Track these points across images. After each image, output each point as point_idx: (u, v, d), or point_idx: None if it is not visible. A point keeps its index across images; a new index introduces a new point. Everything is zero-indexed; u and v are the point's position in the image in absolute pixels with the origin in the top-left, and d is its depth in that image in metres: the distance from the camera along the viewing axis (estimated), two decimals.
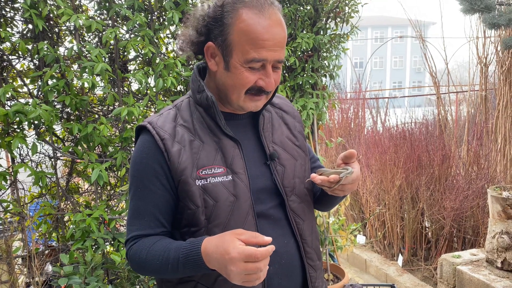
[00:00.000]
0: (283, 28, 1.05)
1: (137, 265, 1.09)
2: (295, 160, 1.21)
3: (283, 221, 1.16)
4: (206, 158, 1.08)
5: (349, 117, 6.16)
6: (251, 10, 1.02)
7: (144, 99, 2.35)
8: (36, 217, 2.36)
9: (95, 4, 2.48)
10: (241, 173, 1.10)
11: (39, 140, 2.25)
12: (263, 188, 1.14)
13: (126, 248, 1.13)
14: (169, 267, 1.01)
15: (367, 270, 4.26)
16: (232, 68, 1.05)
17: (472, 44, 5.14)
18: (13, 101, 2.37)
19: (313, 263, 1.21)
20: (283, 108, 1.29)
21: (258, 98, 1.09)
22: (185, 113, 1.13)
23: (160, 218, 1.10)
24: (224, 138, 1.11)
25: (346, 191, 1.13)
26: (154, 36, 2.39)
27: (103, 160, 2.32)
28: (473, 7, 3.76)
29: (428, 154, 4.05)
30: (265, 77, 1.05)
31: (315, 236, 1.25)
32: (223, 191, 1.07)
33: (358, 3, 2.76)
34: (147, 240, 1.08)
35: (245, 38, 1.01)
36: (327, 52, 2.79)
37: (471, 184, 3.84)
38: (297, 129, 1.28)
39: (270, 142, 1.18)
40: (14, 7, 2.39)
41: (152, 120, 1.12)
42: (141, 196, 1.09)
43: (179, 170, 1.05)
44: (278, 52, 1.04)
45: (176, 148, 1.06)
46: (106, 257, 2.36)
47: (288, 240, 1.16)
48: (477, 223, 3.82)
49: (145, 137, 1.10)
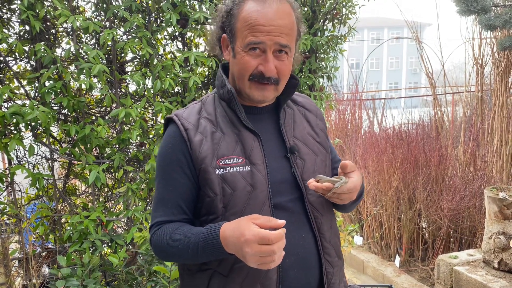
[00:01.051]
0: (288, 18, 1.10)
1: (160, 250, 1.14)
2: (315, 156, 1.24)
3: (301, 215, 1.17)
4: (226, 148, 1.13)
5: (346, 118, 6.17)
6: (254, 1, 1.09)
7: (141, 101, 2.34)
8: (33, 219, 2.35)
9: (92, 6, 2.48)
10: (259, 164, 1.13)
11: (36, 142, 2.24)
12: (282, 181, 1.16)
13: (150, 234, 1.18)
14: (190, 251, 1.06)
15: (364, 271, 4.26)
16: (236, 54, 1.11)
17: (468, 45, 5.17)
18: (10, 102, 2.36)
19: (331, 259, 1.20)
20: (305, 106, 1.33)
21: (263, 87, 1.12)
22: (209, 107, 1.20)
23: (183, 205, 1.15)
24: (244, 130, 1.16)
25: (345, 200, 1.14)
26: (152, 38, 2.38)
27: (100, 161, 2.31)
28: (469, 9, 3.78)
29: (425, 155, 4.07)
30: (264, 62, 1.09)
31: (334, 232, 1.25)
32: (241, 181, 1.11)
33: (356, 5, 2.76)
34: (170, 226, 1.13)
35: (245, 24, 1.08)
36: (325, 54, 2.79)
37: (468, 185, 3.85)
38: (319, 127, 1.31)
39: (291, 136, 1.22)
40: (11, 8, 2.39)
41: (178, 112, 1.19)
42: (166, 184, 1.16)
43: (200, 159, 1.11)
44: (277, 37, 1.07)
45: (198, 138, 1.12)
46: (103, 259, 2.36)
47: (305, 234, 1.17)
48: (474, 223, 3.83)
49: (171, 128, 1.17)
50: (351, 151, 5.01)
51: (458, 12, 4.03)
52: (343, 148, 5.33)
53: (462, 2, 3.77)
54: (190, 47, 2.69)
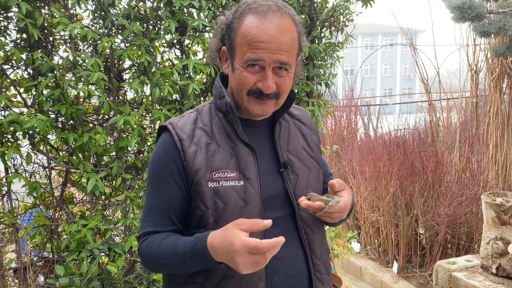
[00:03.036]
0: (289, 34, 1.07)
1: (148, 261, 1.12)
2: (309, 171, 1.22)
3: (293, 231, 1.16)
4: (221, 161, 1.11)
5: (342, 124, 6.19)
6: (254, 15, 1.06)
7: (140, 108, 2.34)
8: (30, 228, 2.33)
9: (90, 13, 2.48)
10: (253, 179, 1.12)
11: (34, 150, 2.23)
12: (274, 196, 1.15)
13: (138, 244, 1.16)
14: (178, 261, 1.04)
15: (362, 277, 4.26)
16: (235, 69, 1.10)
17: (463, 51, 5.21)
18: (8, 111, 2.34)
19: (321, 276, 1.20)
20: (301, 120, 1.31)
21: (263, 102, 1.10)
22: (205, 117, 1.17)
23: (172, 216, 1.13)
24: (239, 144, 1.14)
25: (335, 219, 1.13)
26: (150, 45, 2.38)
27: (98, 170, 2.30)
28: (464, 16, 3.81)
29: (422, 161, 4.08)
30: (263, 79, 1.07)
31: (325, 249, 1.25)
32: (234, 195, 1.09)
33: (353, 12, 2.78)
34: (158, 236, 1.11)
35: (244, 40, 1.06)
36: (322, 61, 2.80)
37: (464, 191, 3.87)
38: (314, 141, 1.29)
39: (285, 151, 1.20)
40: (8, 16, 2.38)
41: (173, 121, 1.17)
42: (156, 194, 1.13)
43: (193, 171, 1.09)
44: (277, 54, 1.05)
45: (193, 149, 1.10)
46: (102, 268, 2.33)
47: (296, 252, 1.16)
48: (471, 229, 3.84)
49: (165, 137, 1.15)
50: (347, 157, 5.02)
51: (452, 19, 4.07)
52: (340, 154, 5.33)
53: (457, 9, 3.81)
54: (189, 54, 2.70)
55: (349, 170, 4.78)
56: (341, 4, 2.69)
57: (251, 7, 1.07)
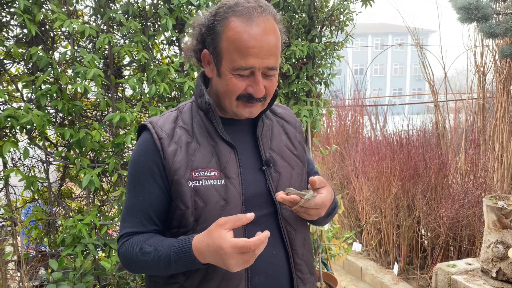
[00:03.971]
0: (275, 36, 1.06)
1: (129, 262, 1.11)
2: (291, 169, 1.21)
3: (274, 231, 1.15)
4: (201, 160, 1.10)
5: (347, 124, 6.15)
6: (239, 18, 1.03)
7: (137, 105, 2.34)
8: (27, 222, 2.35)
9: (90, 10, 2.49)
10: (234, 178, 1.11)
11: (31, 145, 2.24)
12: (256, 194, 1.14)
13: (118, 245, 1.14)
14: (161, 264, 1.03)
15: (362, 278, 4.23)
16: (222, 75, 1.07)
17: (470, 52, 5.14)
18: (7, 105, 2.36)
19: (303, 275, 1.19)
20: (285, 118, 1.30)
21: (252, 105, 1.10)
22: (186, 116, 1.16)
23: (153, 216, 1.12)
24: (220, 142, 1.13)
25: (313, 216, 1.11)
26: (149, 42, 2.39)
27: (95, 165, 2.31)
28: (470, 17, 3.76)
29: (425, 162, 4.04)
30: (254, 84, 1.06)
31: (307, 248, 1.23)
32: (214, 195, 1.08)
33: (353, 12, 2.76)
34: (139, 237, 1.10)
35: (232, 46, 1.03)
36: (322, 60, 2.78)
37: (467, 193, 3.82)
38: (297, 139, 1.28)
39: (268, 149, 1.19)
40: (11, 11, 2.40)
41: (153, 120, 1.16)
42: (136, 194, 1.12)
43: (173, 170, 1.07)
44: (267, 60, 1.04)
45: (172, 148, 1.09)
46: (97, 263, 2.35)
47: (277, 251, 1.15)
48: (473, 232, 3.80)
49: (145, 136, 1.14)
50: (351, 158, 4.99)
51: (459, 20, 4.02)
52: (343, 155, 5.30)
53: (463, 9, 3.76)
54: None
55: (351, 170, 4.75)
56: (341, 3, 2.66)
57: (234, 9, 1.04)
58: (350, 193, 4.73)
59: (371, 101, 8.10)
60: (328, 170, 5.30)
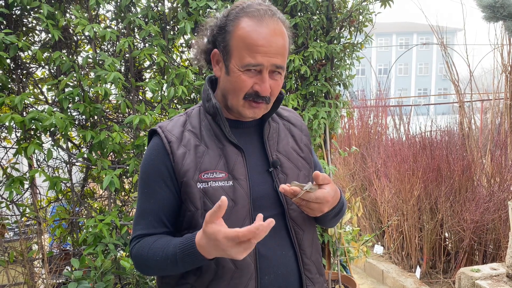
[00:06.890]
0: (283, 38, 1.09)
1: (140, 263, 1.13)
2: (298, 170, 1.23)
3: (283, 232, 1.16)
4: (209, 162, 1.12)
5: (369, 124, 6.07)
6: (250, 18, 1.08)
7: (156, 107, 2.38)
8: (51, 221, 2.42)
9: (112, 14, 2.54)
10: (242, 179, 1.13)
11: (55, 147, 2.31)
12: (264, 195, 1.16)
13: (130, 247, 1.17)
14: (169, 263, 1.05)
15: (384, 281, 4.18)
16: (231, 72, 1.10)
17: (497, 51, 5.01)
18: (33, 108, 2.44)
19: (311, 275, 1.19)
20: (291, 121, 1.32)
21: (257, 105, 1.12)
22: (195, 120, 1.19)
23: (164, 218, 1.14)
24: (228, 145, 1.15)
25: (314, 211, 1.11)
26: (168, 45, 2.42)
27: (116, 166, 2.36)
28: (495, 15, 3.67)
29: (448, 164, 3.95)
30: (260, 82, 1.09)
31: (316, 248, 1.24)
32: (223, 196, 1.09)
33: (372, 12, 2.72)
34: (149, 239, 1.12)
35: (242, 44, 1.07)
36: (341, 61, 2.76)
37: (492, 196, 3.72)
38: (303, 142, 1.30)
39: (274, 151, 1.21)
40: (36, 17, 2.48)
41: (162, 124, 1.19)
42: (147, 197, 1.15)
43: (182, 172, 1.10)
44: (274, 58, 1.07)
45: (181, 151, 1.12)
46: (117, 263, 2.40)
47: (286, 251, 1.16)
48: (499, 236, 3.69)
49: (155, 140, 1.16)
50: (373, 159, 4.93)
51: (484, 18, 3.93)
52: (364, 156, 5.24)
53: (488, 8, 3.67)
54: None
55: (373, 171, 4.69)
56: (359, 4, 2.63)
57: (246, 10, 1.09)
58: (371, 195, 4.68)
59: (394, 101, 7.98)
60: (349, 171, 5.25)
